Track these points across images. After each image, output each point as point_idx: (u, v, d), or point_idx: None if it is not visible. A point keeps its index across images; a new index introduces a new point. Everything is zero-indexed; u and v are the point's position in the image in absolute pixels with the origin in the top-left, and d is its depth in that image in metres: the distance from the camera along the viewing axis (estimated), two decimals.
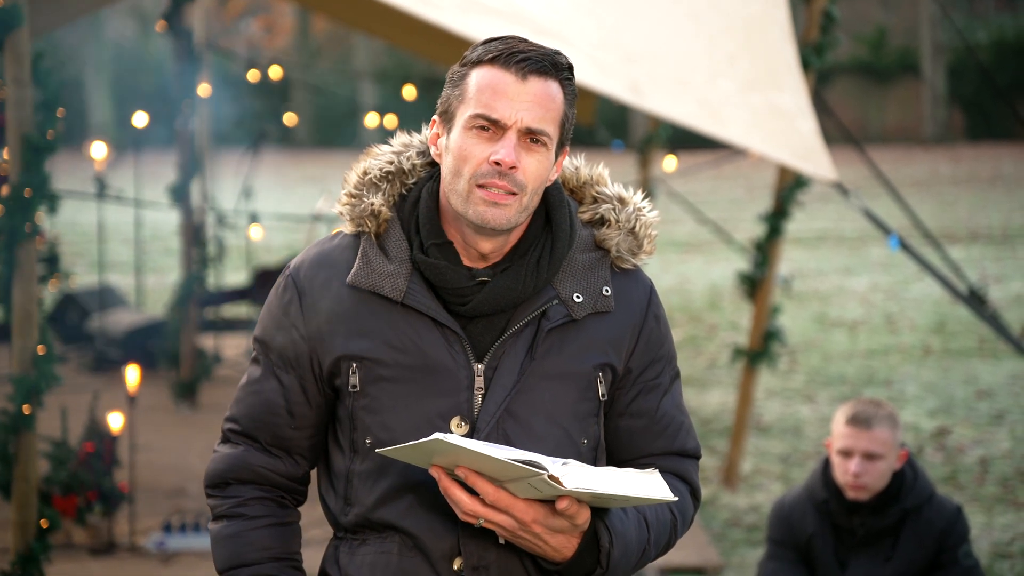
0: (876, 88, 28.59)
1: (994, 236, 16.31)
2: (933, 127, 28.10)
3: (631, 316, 2.28)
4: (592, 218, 2.31)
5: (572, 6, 5.41)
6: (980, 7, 29.07)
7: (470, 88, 2.18)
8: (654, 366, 2.30)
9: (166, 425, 8.06)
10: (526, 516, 2.08)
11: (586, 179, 2.34)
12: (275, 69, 11.22)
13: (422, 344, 2.20)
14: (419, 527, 2.21)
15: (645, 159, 10.37)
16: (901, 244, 5.99)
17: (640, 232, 2.30)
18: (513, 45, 2.18)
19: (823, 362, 10.09)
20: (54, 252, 8.60)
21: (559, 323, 2.22)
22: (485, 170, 2.16)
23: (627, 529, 2.18)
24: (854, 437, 4.17)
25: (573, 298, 2.24)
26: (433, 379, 2.20)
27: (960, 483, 7.01)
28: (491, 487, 2.06)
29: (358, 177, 2.29)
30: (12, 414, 4.58)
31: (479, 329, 2.22)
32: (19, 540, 4.63)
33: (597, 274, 2.27)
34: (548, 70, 2.17)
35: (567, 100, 2.21)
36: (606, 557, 2.14)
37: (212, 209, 9.62)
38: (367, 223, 2.25)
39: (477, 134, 2.17)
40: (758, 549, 5.91)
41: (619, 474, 2.12)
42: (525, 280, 2.21)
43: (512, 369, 2.21)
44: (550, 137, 2.18)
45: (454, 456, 2.05)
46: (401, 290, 2.20)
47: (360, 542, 2.28)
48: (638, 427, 2.29)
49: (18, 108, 4.55)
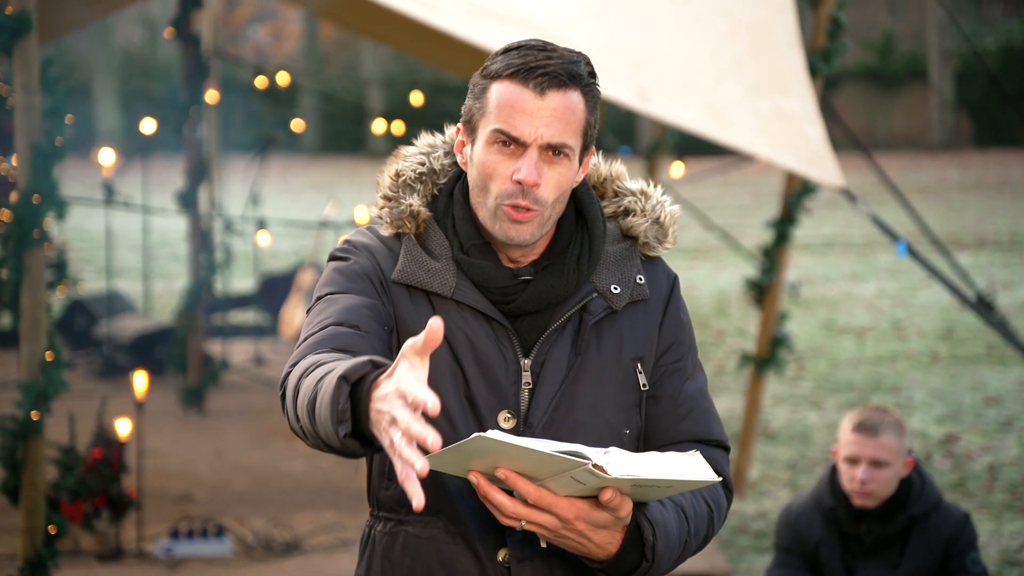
0: (883, 94, 28.57)
1: (1002, 242, 16.28)
2: (941, 133, 28.06)
3: (658, 302, 2.31)
4: (616, 211, 2.34)
5: (578, 11, 5.41)
6: (988, 13, 29.04)
7: (490, 103, 2.19)
8: (675, 349, 2.31)
9: (174, 431, 8.06)
10: (568, 513, 2.06)
11: (606, 175, 2.37)
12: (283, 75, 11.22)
13: (472, 337, 2.21)
14: (467, 514, 2.19)
15: (652, 165, 10.36)
16: (909, 250, 5.98)
17: (665, 221, 2.34)
18: (531, 59, 2.17)
19: (831, 368, 10.07)
20: (62, 258, 8.62)
21: (601, 316, 2.25)
22: (510, 189, 2.17)
23: (668, 521, 2.16)
24: (861, 444, 4.16)
25: (611, 290, 2.26)
26: (482, 372, 2.20)
27: (968, 490, 7.00)
28: (532, 486, 2.04)
29: (391, 179, 2.29)
30: (20, 420, 4.59)
31: (524, 326, 2.23)
32: (27, 546, 4.64)
33: (629, 263, 2.30)
34: (567, 83, 2.17)
35: (588, 107, 2.21)
36: (651, 550, 2.12)
37: (220, 215, 9.63)
38: (407, 224, 2.26)
39: (499, 150, 2.18)
40: (765, 556, 5.90)
41: (661, 458, 2.10)
42: (568, 277, 2.23)
43: (560, 364, 2.22)
44: (572, 148, 2.19)
45: (493, 457, 2.02)
46: (451, 285, 2.22)
47: (397, 523, 2.24)
48: (660, 411, 2.29)
49: (27, 114, 4.56)
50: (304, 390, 2.03)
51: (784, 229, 6.77)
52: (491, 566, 2.19)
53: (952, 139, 28.00)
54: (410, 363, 1.87)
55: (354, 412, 1.93)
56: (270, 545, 5.94)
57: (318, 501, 6.64)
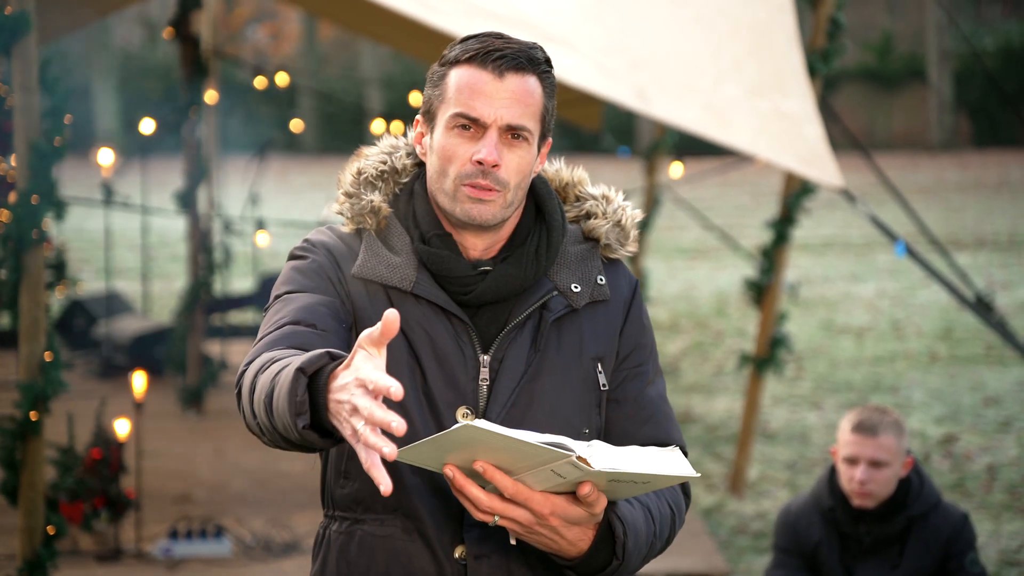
0: (883, 95, 28.58)
1: (1001, 243, 16.28)
2: (940, 134, 28.07)
3: (619, 304, 2.32)
4: (577, 215, 2.36)
5: (578, 12, 5.41)
6: (987, 14, 29.06)
7: (450, 88, 2.21)
8: (637, 353, 2.33)
9: (173, 431, 8.06)
10: (544, 508, 2.06)
11: (568, 180, 2.39)
12: (282, 76, 11.23)
13: (431, 332, 2.22)
14: (423, 511, 2.19)
15: (651, 166, 10.37)
16: (908, 251, 5.98)
17: (626, 224, 2.35)
18: (489, 43, 2.21)
19: (830, 369, 10.08)
20: (61, 258, 8.63)
21: (560, 313, 2.26)
22: (469, 170, 2.20)
23: (636, 520, 2.17)
24: (860, 444, 4.16)
25: (571, 288, 2.27)
26: (441, 367, 2.21)
27: (967, 490, 7.00)
28: (509, 480, 2.04)
29: (352, 177, 2.31)
30: (19, 420, 4.59)
31: (483, 321, 2.24)
32: (26, 546, 4.63)
33: (590, 264, 2.31)
34: (525, 66, 2.21)
35: (546, 93, 2.24)
36: (621, 548, 2.13)
37: (219, 216, 9.63)
38: (367, 220, 2.28)
39: (459, 133, 2.20)
40: (764, 556, 5.90)
41: (642, 452, 2.10)
42: (526, 268, 2.24)
43: (519, 360, 2.23)
44: (531, 132, 2.21)
45: (471, 450, 2.01)
46: (411, 279, 2.22)
47: (353, 522, 2.25)
48: (623, 414, 2.30)
49: (26, 115, 4.56)
50: (260, 386, 2.03)
51: (783, 229, 6.77)
52: (448, 563, 2.19)
53: (951, 139, 28.01)
54: (367, 353, 1.87)
55: (312, 404, 1.92)
56: (269, 545, 5.94)
57: (317, 501, 6.60)
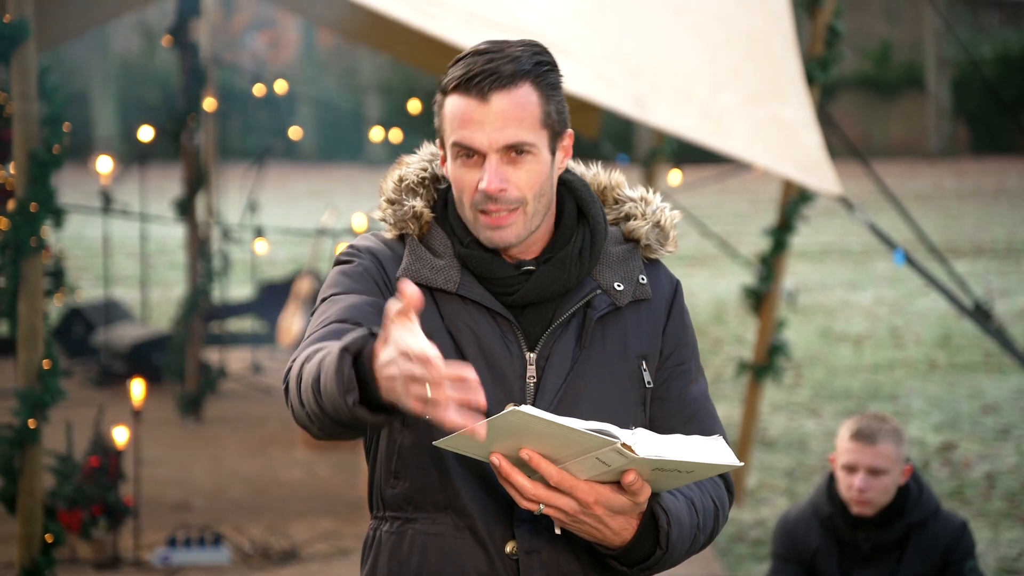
0: (881, 102, 28.60)
1: (999, 250, 16.29)
2: (938, 141, 28.09)
3: (662, 303, 2.34)
4: (617, 218, 2.37)
5: (576, 20, 5.42)
6: (985, 21, 29.09)
7: (447, 119, 2.21)
8: (680, 352, 2.34)
9: (171, 439, 8.06)
10: (588, 497, 2.07)
11: (605, 184, 2.39)
12: (280, 83, 11.24)
13: (478, 332, 2.23)
14: (474, 507, 2.20)
15: (650, 173, 10.36)
16: (906, 258, 5.99)
17: (666, 225, 2.36)
18: (472, 66, 2.18)
19: (828, 376, 10.08)
20: (60, 266, 8.63)
21: (604, 311, 2.27)
22: (479, 198, 2.20)
23: (680, 511, 2.18)
24: (858, 452, 4.16)
25: (615, 287, 2.29)
26: (488, 366, 2.22)
27: (966, 498, 7.00)
28: (555, 468, 2.05)
29: (394, 184, 2.32)
30: (17, 428, 4.59)
31: (528, 320, 2.26)
32: (24, 554, 4.63)
33: (632, 264, 2.32)
34: (509, 81, 2.18)
35: (544, 95, 2.21)
36: (665, 538, 2.13)
37: (217, 223, 9.63)
38: (410, 225, 2.29)
39: (464, 162, 2.21)
40: (763, 564, 5.90)
41: (686, 440, 2.11)
42: (570, 269, 2.26)
43: (564, 358, 2.24)
44: (533, 144, 2.20)
45: (517, 438, 2.02)
46: (455, 281, 2.24)
47: (404, 521, 2.24)
48: (667, 411, 2.31)
49: (24, 122, 4.56)
50: (307, 373, 2.05)
51: (781, 237, 6.77)
52: (499, 559, 2.20)
53: (949, 147, 28.03)
54: (400, 324, 1.88)
55: (361, 383, 1.94)
56: (268, 553, 5.93)
57: (316, 509, 6.64)
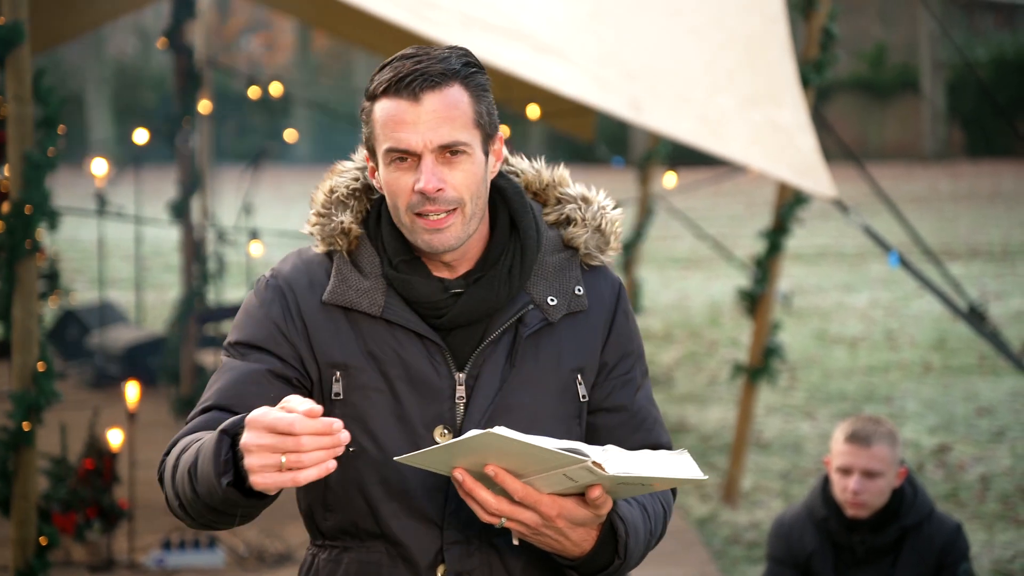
0: (876, 105, 28.64)
1: (994, 253, 16.32)
2: (933, 144, 28.14)
3: (602, 312, 2.30)
4: (557, 219, 2.33)
5: (572, 23, 5.42)
6: (979, 24, 29.14)
7: (377, 125, 2.19)
8: (625, 360, 2.32)
9: (166, 442, 8.01)
10: (551, 511, 2.07)
11: (548, 181, 2.35)
12: (276, 86, 11.23)
13: (404, 355, 2.21)
14: (404, 535, 2.20)
15: (645, 175, 10.38)
16: (901, 261, 5.99)
17: (606, 229, 2.32)
18: (400, 69, 2.17)
19: (823, 379, 10.08)
20: (54, 268, 8.61)
21: (536, 328, 2.24)
22: (415, 200, 2.17)
23: (636, 519, 2.19)
24: (853, 454, 4.16)
25: (547, 301, 2.25)
26: (416, 389, 2.21)
27: (961, 500, 7.00)
28: (520, 484, 2.05)
29: (325, 196, 2.30)
30: (12, 431, 4.58)
31: (458, 339, 2.23)
32: (18, 557, 4.63)
33: (568, 274, 2.28)
34: (439, 81, 2.16)
35: (474, 96, 2.19)
36: (623, 547, 2.14)
37: (212, 225, 9.62)
38: (338, 241, 2.26)
39: (397, 166, 2.18)
40: (758, 566, 5.90)
41: (654, 456, 2.11)
42: (499, 290, 2.22)
43: (493, 377, 2.22)
44: (466, 143, 2.17)
45: (483, 454, 2.03)
46: (380, 305, 2.21)
47: (341, 550, 2.26)
48: (615, 422, 2.30)
49: (19, 125, 4.56)
50: (183, 462, 2.07)
51: (776, 239, 6.78)
52: None
53: (944, 150, 28.07)
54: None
55: (236, 468, 1.95)
56: (262, 556, 5.93)
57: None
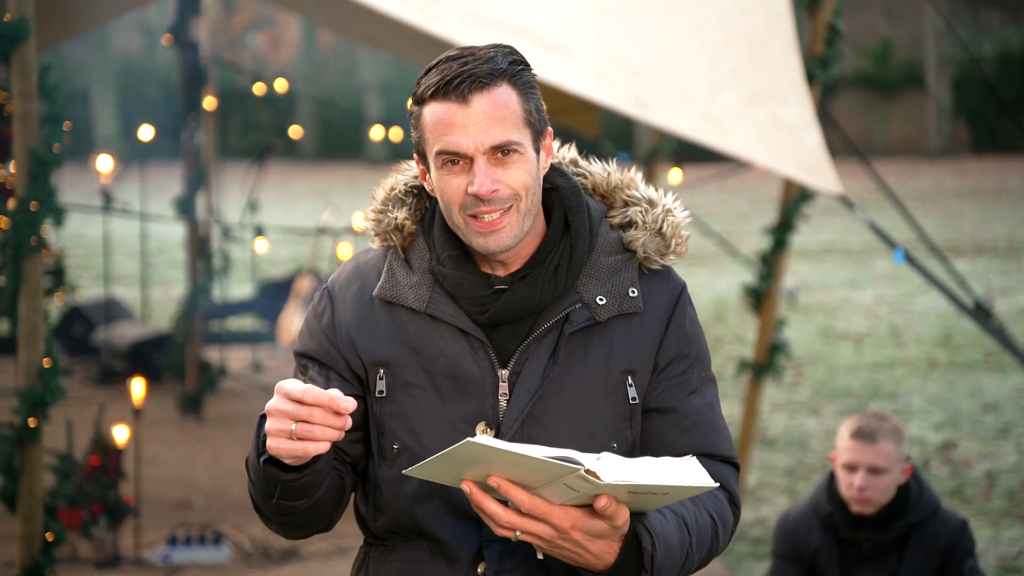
0: (881, 101, 28.61)
1: (1000, 249, 16.29)
2: (938, 140, 28.10)
3: (660, 314, 2.27)
4: (622, 221, 2.31)
5: (576, 20, 5.42)
6: (985, 20, 29.09)
7: (426, 129, 2.19)
8: (680, 362, 2.27)
9: (171, 438, 8.06)
10: (564, 522, 2.03)
11: (616, 183, 2.34)
12: (281, 82, 11.24)
13: (448, 351, 2.22)
14: (445, 532, 2.21)
15: (650, 172, 10.35)
16: (906, 257, 5.99)
17: (668, 232, 2.29)
18: (447, 71, 2.17)
19: (829, 375, 10.08)
20: (60, 265, 8.60)
21: (581, 326, 2.22)
22: (469, 202, 2.17)
23: (668, 531, 2.12)
24: (859, 451, 4.16)
25: (596, 300, 2.23)
26: (459, 385, 2.21)
27: (966, 497, 7.00)
28: (525, 495, 2.02)
29: (385, 193, 2.32)
30: (18, 427, 4.58)
31: (503, 335, 2.23)
32: (24, 553, 4.63)
33: (623, 276, 2.26)
34: (487, 81, 2.15)
35: (523, 94, 2.19)
36: (650, 560, 2.08)
37: (218, 222, 9.63)
38: (392, 237, 2.29)
39: (449, 170, 2.18)
40: (763, 563, 5.90)
41: (656, 463, 2.06)
42: (543, 288, 2.22)
43: (535, 373, 2.21)
44: (518, 143, 2.17)
45: (485, 465, 2.00)
46: (424, 300, 2.23)
47: (390, 549, 2.27)
48: (663, 424, 2.26)
49: (24, 121, 4.56)
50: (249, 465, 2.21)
51: (782, 235, 6.76)
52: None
53: (949, 146, 28.04)
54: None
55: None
56: (268, 552, 5.93)
57: None
